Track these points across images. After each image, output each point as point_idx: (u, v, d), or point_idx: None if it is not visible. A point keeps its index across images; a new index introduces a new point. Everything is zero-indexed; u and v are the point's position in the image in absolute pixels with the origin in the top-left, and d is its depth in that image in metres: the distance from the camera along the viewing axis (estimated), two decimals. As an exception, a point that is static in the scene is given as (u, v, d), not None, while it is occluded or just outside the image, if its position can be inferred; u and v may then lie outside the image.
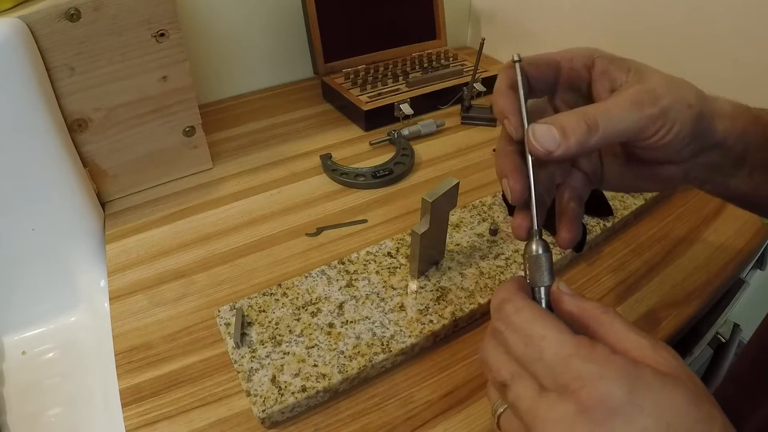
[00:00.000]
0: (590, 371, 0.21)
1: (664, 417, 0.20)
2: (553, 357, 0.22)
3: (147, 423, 0.39)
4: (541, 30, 0.88)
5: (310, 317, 0.45)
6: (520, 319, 0.24)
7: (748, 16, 0.57)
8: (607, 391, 0.21)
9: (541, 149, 0.26)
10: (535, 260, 0.27)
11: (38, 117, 0.48)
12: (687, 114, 0.27)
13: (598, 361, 0.21)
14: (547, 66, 0.31)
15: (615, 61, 0.29)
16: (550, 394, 0.22)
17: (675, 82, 0.28)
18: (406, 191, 0.64)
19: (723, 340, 0.69)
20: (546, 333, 0.23)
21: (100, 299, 0.54)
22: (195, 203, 0.61)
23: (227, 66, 0.82)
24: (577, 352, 0.22)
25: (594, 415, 0.20)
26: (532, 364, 0.23)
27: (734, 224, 0.59)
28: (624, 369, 0.21)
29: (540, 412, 0.22)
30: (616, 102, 0.27)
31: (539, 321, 0.24)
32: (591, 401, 0.21)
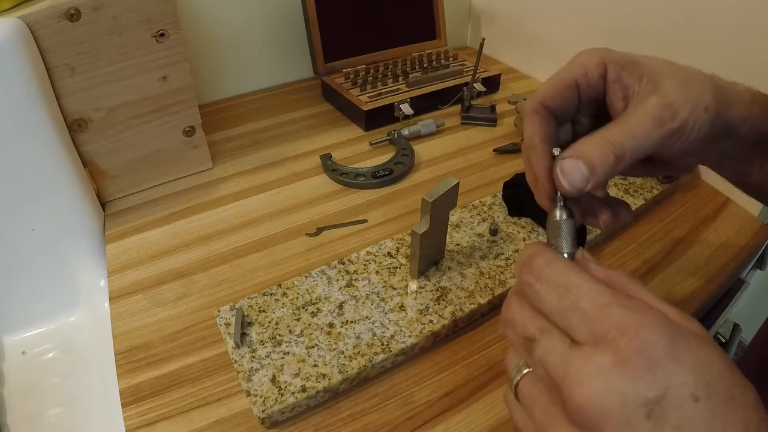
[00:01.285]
0: (631, 319, 0.20)
1: (704, 376, 0.20)
2: (591, 305, 0.21)
3: (147, 423, 0.39)
4: (541, 30, 0.88)
5: (310, 317, 0.45)
6: (552, 271, 0.23)
7: (749, 15, 0.57)
8: (649, 340, 0.20)
9: (571, 189, 0.26)
10: (559, 226, 0.26)
11: (38, 117, 0.48)
12: (705, 118, 0.27)
13: (639, 310, 0.21)
14: (568, 92, 0.29)
15: (626, 66, 0.28)
16: (585, 346, 0.21)
17: (690, 84, 0.27)
18: (406, 191, 0.64)
19: (723, 340, 0.69)
20: (582, 283, 0.22)
21: (100, 299, 0.54)
22: (195, 203, 0.61)
23: (227, 66, 0.82)
24: (616, 301, 0.21)
25: (632, 367, 0.19)
26: (566, 314, 0.22)
27: (734, 224, 0.59)
28: (665, 321, 0.21)
29: (573, 364, 0.21)
30: (637, 123, 0.26)
31: (573, 272, 0.23)
32: (631, 350, 0.19)
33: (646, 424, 0.19)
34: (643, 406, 0.19)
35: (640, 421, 0.19)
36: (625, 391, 0.19)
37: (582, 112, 0.31)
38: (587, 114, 0.31)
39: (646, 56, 0.29)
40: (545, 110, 0.29)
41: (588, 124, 0.31)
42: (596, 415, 0.20)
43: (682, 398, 0.19)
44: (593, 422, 0.20)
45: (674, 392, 0.19)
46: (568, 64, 0.30)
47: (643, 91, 0.27)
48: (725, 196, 0.64)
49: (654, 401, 0.19)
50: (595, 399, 0.20)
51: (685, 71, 0.28)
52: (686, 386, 0.19)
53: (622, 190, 0.60)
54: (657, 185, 0.61)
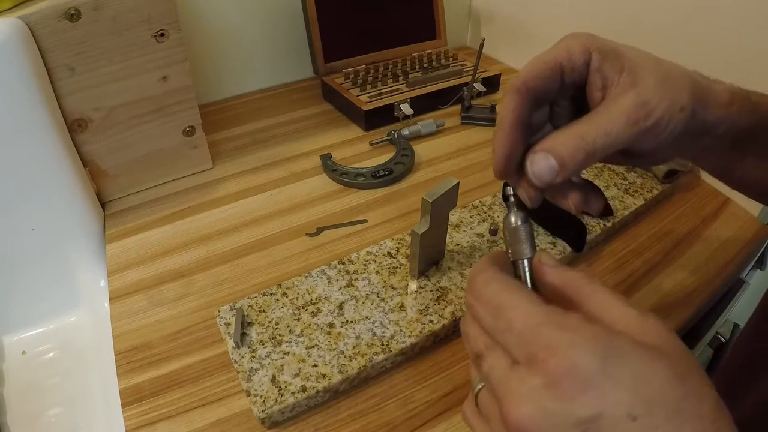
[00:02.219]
0: (560, 339, 0.20)
1: (643, 391, 0.19)
2: (522, 326, 0.21)
3: (147, 423, 0.39)
4: (541, 30, 0.88)
5: (310, 317, 0.45)
6: (489, 291, 0.24)
7: (749, 14, 0.57)
8: (578, 360, 0.19)
9: (539, 183, 0.26)
10: (514, 232, 0.26)
11: (38, 117, 0.48)
12: (679, 117, 0.27)
13: (569, 329, 0.20)
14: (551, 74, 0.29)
15: (609, 56, 0.28)
16: (521, 367, 0.21)
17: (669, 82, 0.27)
18: (406, 191, 0.64)
19: (723, 340, 0.69)
20: (515, 303, 0.22)
21: (100, 299, 0.54)
22: (195, 203, 0.61)
23: (227, 66, 0.82)
24: (547, 320, 0.21)
25: (563, 388, 0.19)
26: (502, 335, 0.22)
27: (734, 224, 0.59)
28: (598, 337, 0.20)
29: (510, 384, 0.21)
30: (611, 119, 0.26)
31: (508, 291, 0.23)
32: (560, 371, 0.19)
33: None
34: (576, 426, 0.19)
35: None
36: (557, 413, 0.19)
37: (562, 95, 0.30)
38: (566, 96, 0.30)
39: (630, 47, 0.29)
40: (527, 91, 0.28)
41: (566, 106, 0.31)
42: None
43: (618, 418, 0.19)
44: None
45: (609, 412, 0.19)
46: (553, 46, 0.29)
47: (621, 85, 0.27)
48: (725, 196, 0.64)
49: (587, 421, 0.19)
50: (528, 420, 0.19)
51: (665, 68, 0.28)
52: (622, 405, 0.19)
53: (622, 190, 0.60)
54: (657, 185, 0.61)
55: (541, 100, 0.29)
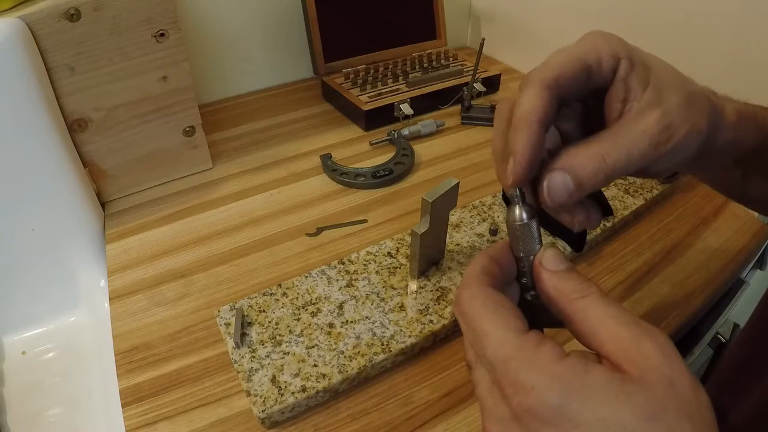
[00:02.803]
0: (523, 380, 0.20)
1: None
2: (493, 356, 0.21)
3: (147, 423, 0.39)
4: (541, 30, 0.88)
5: (310, 317, 0.45)
6: (470, 311, 0.23)
7: (750, 14, 0.57)
8: (537, 404, 0.19)
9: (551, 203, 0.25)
10: (523, 229, 0.24)
11: (38, 117, 0.48)
12: (695, 140, 0.26)
13: (535, 369, 0.20)
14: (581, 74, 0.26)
15: (637, 67, 0.26)
16: (496, 391, 0.21)
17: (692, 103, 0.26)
18: (406, 191, 0.64)
19: (723, 340, 0.69)
20: (489, 330, 0.22)
21: (100, 299, 0.54)
22: (195, 203, 0.61)
23: (227, 66, 0.82)
24: (516, 355, 0.21)
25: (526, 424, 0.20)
26: (479, 357, 0.23)
27: (734, 224, 0.59)
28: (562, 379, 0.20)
29: (487, 404, 0.22)
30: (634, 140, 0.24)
31: (486, 315, 0.22)
32: (522, 410, 0.20)
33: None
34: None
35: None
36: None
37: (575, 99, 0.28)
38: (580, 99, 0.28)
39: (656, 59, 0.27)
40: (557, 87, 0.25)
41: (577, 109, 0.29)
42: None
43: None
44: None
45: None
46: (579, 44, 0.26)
47: (646, 101, 0.25)
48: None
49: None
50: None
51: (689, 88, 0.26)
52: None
53: (622, 190, 0.60)
54: (657, 185, 0.61)
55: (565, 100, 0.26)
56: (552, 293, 0.23)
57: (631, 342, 0.20)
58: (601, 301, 0.22)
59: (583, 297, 0.22)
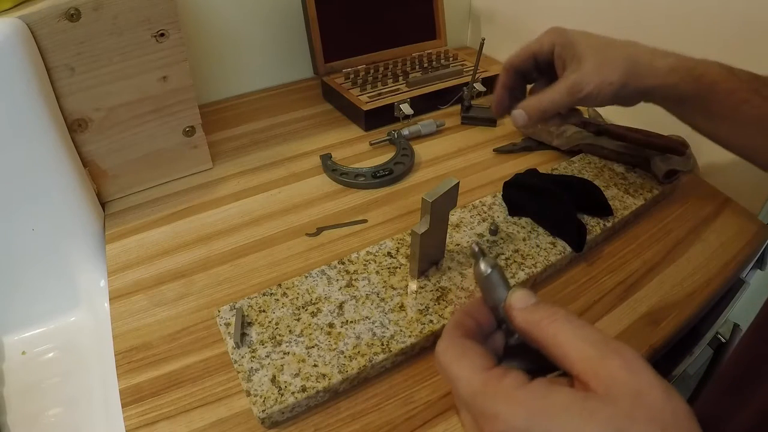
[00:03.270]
0: (490, 410, 0.22)
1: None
2: (465, 396, 0.23)
3: (147, 423, 0.39)
4: (541, 30, 0.87)
5: (310, 317, 0.45)
6: (444, 360, 0.25)
7: (752, 11, 0.57)
8: (502, 428, 0.21)
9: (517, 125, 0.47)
10: (487, 280, 0.27)
11: (38, 117, 0.48)
12: (607, 90, 0.42)
13: (497, 398, 0.22)
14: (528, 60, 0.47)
15: (566, 47, 0.44)
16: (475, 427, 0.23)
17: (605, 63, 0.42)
18: (406, 191, 0.64)
19: (723, 340, 0.69)
20: (459, 373, 0.24)
21: (100, 299, 0.54)
22: (195, 203, 0.61)
23: (227, 66, 0.82)
24: (482, 389, 0.23)
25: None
26: (458, 399, 0.25)
27: (734, 224, 0.59)
28: (524, 404, 0.21)
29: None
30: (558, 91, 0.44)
31: (456, 361, 0.25)
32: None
33: None
34: None
35: None
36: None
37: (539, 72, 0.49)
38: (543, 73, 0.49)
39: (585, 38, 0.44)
40: (512, 68, 0.48)
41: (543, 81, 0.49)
42: None
43: None
44: None
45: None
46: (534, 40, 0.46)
47: (569, 69, 0.44)
48: (725, 196, 0.64)
49: None
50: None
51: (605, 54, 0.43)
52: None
53: (622, 190, 0.60)
54: (657, 185, 0.61)
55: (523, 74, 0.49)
56: (524, 326, 0.25)
57: (597, 360, 0.21)
58: (568, 324, 0.23)
59: (552, 322, 0.23)
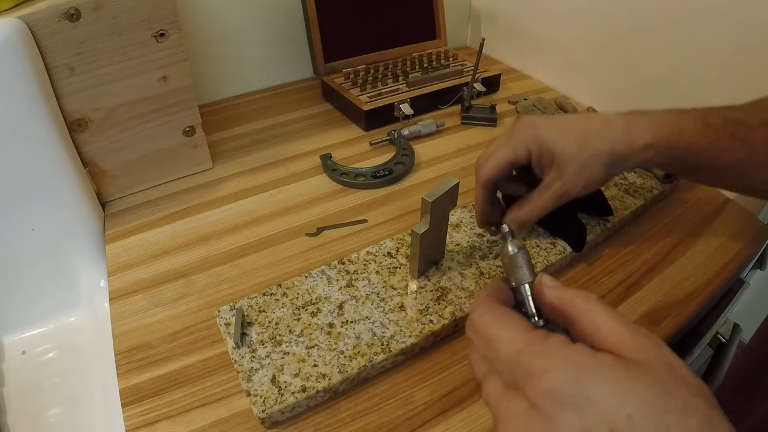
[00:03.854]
0: (536, 365, 0.21)
1: (624, 408, 0.19)
2: (506, 355, 0.23)
3: (147, 423, 0.39)
4: (541, 30, 0.88)
5: (310, 317, 0.45)
6: (482, 324, 0.25)
7: (748, 16, 0.57)
8: (552, 384, 0.20)
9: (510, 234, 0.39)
10: (513, 259, 0.28)
11: (38, 117, 0.48)
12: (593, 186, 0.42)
13: (545, 354, 0.21)
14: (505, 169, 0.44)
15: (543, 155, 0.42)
16: (511, 391, 0.22)
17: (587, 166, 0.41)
18: (406, 191, 0.64)
19: (723, 340, 0.69)
20: (500, 333, 0.24)
21: (100, 299, 0.54)
22: (195, 203, 0.61)
23: (227, 66, 0.82)
24: (526, 347, 0.22)
25: (544, 410, 0.20)
26: (494, 363, 0.24)
27: (734, 224, 0.59)
28: (573, 360, 0.21)
29: (501, 408, 0.22)
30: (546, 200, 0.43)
31: (497, 322, 0.25)
32: (537, 395, 0.20)
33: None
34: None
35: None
36: None
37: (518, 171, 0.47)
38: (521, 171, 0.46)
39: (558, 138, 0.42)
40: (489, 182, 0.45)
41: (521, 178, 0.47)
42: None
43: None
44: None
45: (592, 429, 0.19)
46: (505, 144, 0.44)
47: (550, 175, 0.42)
48: (725, 196, 0.64)
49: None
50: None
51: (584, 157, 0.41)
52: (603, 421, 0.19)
53: (622, 190, 0.60)
54: (657, 185, 0.61)
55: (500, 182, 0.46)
56: (555, 301, 0.26)
57: (629, 336, 0.22)
58: (601, 304, 0.24)
59: (587, 301, 0.24)
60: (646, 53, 0.70)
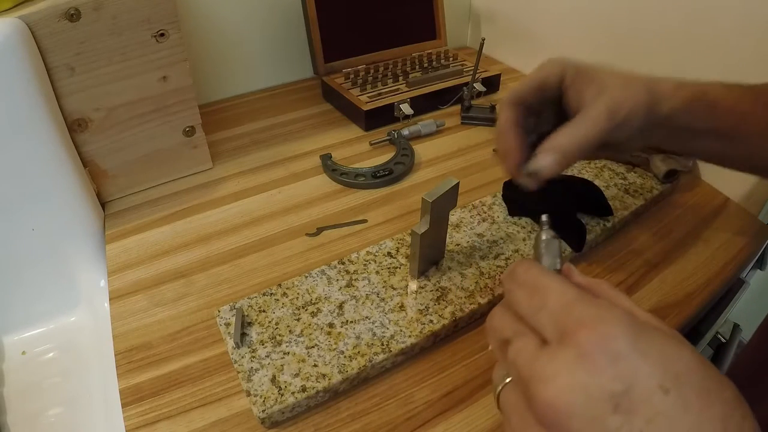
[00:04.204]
0: (591, 314, 0.21)
1: (672, 368, 0.19)
2: (556, 304, 0.22)
3: (147, 423, 0.39)
4: (541, 30, 0.88)
5: (310, 317, 0.45)
6: (528, 276, 0.25)
7: (749, 15, 0.57)
8: (608, 332, 0.20)
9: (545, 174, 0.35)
10: (547, 245, 0.29)
11: (38, 117, 0.48)
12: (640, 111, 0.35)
13: (600, 306, 0.21)
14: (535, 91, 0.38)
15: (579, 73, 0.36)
16: (551, 345, 0.21)
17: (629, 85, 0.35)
18: (406, 191, 0.64)
19: (723, 340, 0.69)
20: (551, 284, 0.23)
21: (100, 299, 0.54)
22: (195, 203, 0.61)
23: (227, 66, 0.82)
24: (580, 298, 0.22)
25: (594, 359, 0.19)
26: (537, 314, 0.23)
27: (734, 224, 0.59)
28: (626, 316, 0.20)
29: (538, 363, 0.21)
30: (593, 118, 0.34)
31: (546, 275, 0.24)
32: (590, 343, 0.20)
33: (614, 419, 0.18)
34: (609, 399, 0.19)
35: (607, 415, 0.18)
36: (588, 385, 0.19)
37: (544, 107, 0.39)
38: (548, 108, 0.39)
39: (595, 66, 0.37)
40: (518, 103, 0.38)
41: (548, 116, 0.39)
42: (561, 411, 0.19)
43: (651, 390, 0.19)
44: (559, 419, 0.19)
45: (641, 385, 0.19)
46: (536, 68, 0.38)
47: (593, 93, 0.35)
48: (725, 196, 0.64)
49: (620, 394, 0.19)
50: (558, 395, 0.19)
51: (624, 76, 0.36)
52: (654, 378, 0.19)
53: (622, 190, 0.60)
54: (657, 185, 0.61)
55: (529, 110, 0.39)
56: (585, 283, 0.26)
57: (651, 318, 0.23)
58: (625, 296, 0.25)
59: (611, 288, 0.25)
60: (646, 53, 0.70)
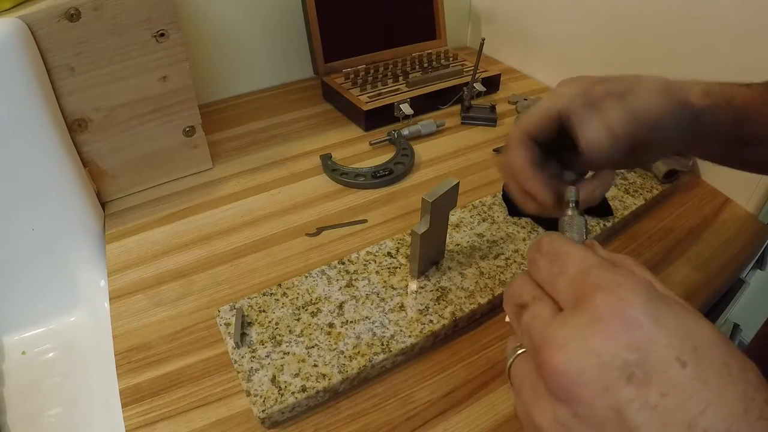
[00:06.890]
0: (609, 279, 0.20)
1: (690, 340, 0.18)
2: (575, 269, 0.22)
3: (147, 423, 0.39)
4: (541, 30, 0.88)
5: (310, 317, 0.45)
6: (553, 245, 0.24)
7: (750, 16, 0.57)
8: (625, 297, 0.19)
9: None
10: (573, 221, 0.30)
11: (38, 117, 0.48)
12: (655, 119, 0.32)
13: (619, 272, 0.20)
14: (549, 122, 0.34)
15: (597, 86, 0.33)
16: (566, 311, 0.21)
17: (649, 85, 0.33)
18: (406, 191, 0.64)
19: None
20: (572, 251, 0.23)
21: (100, 299, 0.54)
22: (195, 203, 0.61)
23: (227, 66, 0.82)
24: (599, 264, 0.21)
25: (608, 325, 0.18)
26: (556, 279, 0.22)
27: (734, 224, 0.59)
28: (645, 284, 0.19)
29: (550, 328, 0.20)
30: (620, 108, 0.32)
31: (569, 243, 0.24)
32: (605, 308, 0.19)
33: (627, 390, 0.17)
34: (622, 368, 0.18)
35: (620, 385, 0.17)
36: (601, 352, 0.18)
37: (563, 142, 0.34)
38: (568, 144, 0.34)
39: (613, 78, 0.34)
40: (528, 139, 0.34)
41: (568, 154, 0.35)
42: (572, 378, 0.18)
43: (667, 362, 0.17)
44: (570, 388, 0.18)
45: (657, 355, 0.18)
46: (550, 94, 0.34)
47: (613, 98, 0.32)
48: (725, 196, 0.64)
49: (634, 364, 0.18)
50: (569, 361, 0.18)
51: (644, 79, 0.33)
52: (671, 349, 0.18)
53: (622, 190, 0.60)
54: (657, 185, 0.61)
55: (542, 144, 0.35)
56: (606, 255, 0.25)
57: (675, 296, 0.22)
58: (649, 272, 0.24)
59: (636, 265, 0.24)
60: (646, 53, 0.70)
